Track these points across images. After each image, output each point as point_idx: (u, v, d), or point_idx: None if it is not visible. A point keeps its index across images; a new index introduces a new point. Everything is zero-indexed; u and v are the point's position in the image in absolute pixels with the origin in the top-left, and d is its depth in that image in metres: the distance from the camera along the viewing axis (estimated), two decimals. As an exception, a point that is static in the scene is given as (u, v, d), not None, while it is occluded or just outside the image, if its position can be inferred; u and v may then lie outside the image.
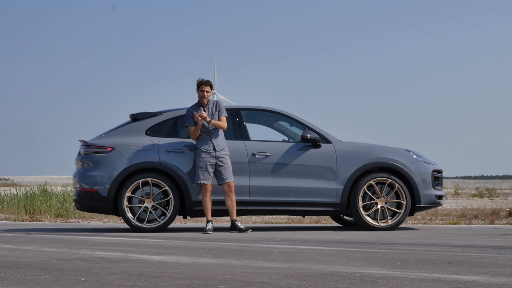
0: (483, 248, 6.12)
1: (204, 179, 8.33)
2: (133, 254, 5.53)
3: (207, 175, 8.35)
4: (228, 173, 8.41)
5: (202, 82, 8.56)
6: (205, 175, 8.34)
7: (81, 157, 8.75)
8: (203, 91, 8.54)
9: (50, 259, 5.20)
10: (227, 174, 8.40)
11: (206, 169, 8.35)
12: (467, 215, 13.88)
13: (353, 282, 3.88)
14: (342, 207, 8.70)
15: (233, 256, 5.36)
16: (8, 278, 4.13)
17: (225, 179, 8.39)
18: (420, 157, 8.99)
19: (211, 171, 8.38)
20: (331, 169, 8.74)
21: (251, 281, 3.93)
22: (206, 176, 8.34)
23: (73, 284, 3.87)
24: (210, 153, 8.39)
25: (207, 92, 8.54)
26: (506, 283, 3.84)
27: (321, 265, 4.70)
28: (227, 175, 8.40)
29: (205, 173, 8.35)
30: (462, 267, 4.55)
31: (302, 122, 8.99)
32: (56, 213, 14.42)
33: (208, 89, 8.57)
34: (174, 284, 3.84)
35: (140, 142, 8.67)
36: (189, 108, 8.59)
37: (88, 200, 8.65)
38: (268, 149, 8.74)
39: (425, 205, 8.86)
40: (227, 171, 8.41)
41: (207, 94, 8.54)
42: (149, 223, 8.53)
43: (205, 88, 8.54)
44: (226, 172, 8.40)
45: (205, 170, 8.35)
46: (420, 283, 3.85)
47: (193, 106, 8.61)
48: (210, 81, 8.63)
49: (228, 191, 8.41)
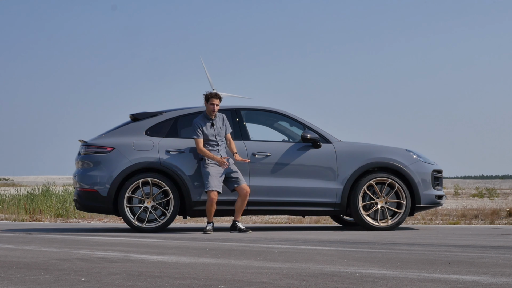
0: (483, 248, 6.12)
1: (213, 186, 8.24)
2: (133, 254, 5.53)
3: (217, 183, 8.28)
4: (241, 176, 8.39)
5: (211, 95, 8.46)
6: (215, 183, 8.25)
7: (81, 157, 8.75)
8: (213, 105, 8.45)
9: (50, 259, 5.20)
10: (241, 176, 8.38)
11: (217, 177, 8.29)
12: (467, 215, 13.88)
13: (353, 282, 3.88)
14: (342, 207, 8.70)
15: (233, 256, 5.37)
16: (8, 278, 4.13)
17: (240, 182, 8.34)
18: (420, 157, 8.99)
19: (221, 179, 8.35)
20: (331, 169, 8.74)
21: (251, 281, 3.94)
22: (216, 184, 8.26)
23: (73, 284, 3.87)
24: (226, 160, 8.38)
25: (216, 106, 8.47)
26: (506, 283, 3.84)
27: (321, 265, 4.70)
28: (241, 178, 8.37)
29: (216, 181, 8.26)
30: (462, 267, 4.56)
31: (302, 122, 8.99)
32: (56, 213, 14.42)
33: (218, 102, 8.49)
34: (174, 284, 3.84)
35: (140, 142, 8.67)
36: (196, 120, 8.51)
37: (88, 200, 8.65)
38: (268, 149, 8.74)
39: (425, 205, 8.86)
40: (240, 174, 8.40)
41: (216, 107, 8.48)
42: (149, 223, 8.53)
43: (215, 102, 8.46)
44: (240, 176, 8.39)
45: (215, 177, 8.26)
46: (420, 283, 3.85)
47: (200, 118, 8.53)
48: (219, 94, 8.57)
49: (244, 195, 8.32)
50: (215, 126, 8.46)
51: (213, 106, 8.45)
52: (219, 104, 8.52)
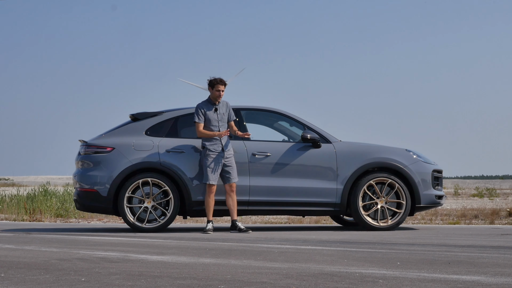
0: (483, 248, 6.12)
1: (212, 180, 8.29)
2: (133, 254, 5.53)
3: (215, 176, 8.32)
4: (234, 173, 8.40)
5: (217, 81, 8.42)
6: (213, 176, 8.31)
7: (81, 157, 8.75)
8: (219, 91, 8.43)
9: (50, 259, 5.20)
10: (233, 174, 8.39)
11: (215, 170, 8.32)
12: (467, 215, 13.88)
13: (353, 282, 3.88)
14: (342, 207, 8.70)
15: (233, 256, 5.37)
16: (8, 278, 4.13)
17: (231, 179, 8.37)
18: (420, 157, 8.99)
19: (219, 171, 8.37)
20: (331, 169, 8.74)
21: (251, 281, 3.94)
22: (214, 177, 8.31)
23: (73, 284, 3.87)
24: (219, 153, 8.38)
25: (222, 91, 8.46)
26: (506, 283, 3.84)
27: (321, 265, 4.70)
28: (233, 175, 8.39)
29: (214, 174, 8.31)
30: (462, 267, 4.56)
31: (302, 122, 8.99)
32: (56, 213, 14.42)
33: (223, 88, 8.46)
34: (174, 284, 3.84)
35: (140, 142, 8.68)
36: (199, 104, 8.51)
37: (88, 200, 8.65)
38: (268, 149, 8.74)
39: (425, 205, 8.86)
40: (234, 171, 8.40)
41: (222, 93, 8.47)
42: (149, 223, 8.53)
43: (221, 88, 8.44)
44: (233, 172, 8.40)
45: (213, 170, 8.31)
46: (420, 283, 3.85)
47: (204, 102, 8.52)
48: (224, 80, 8.53)
49: (230, 191, 8.39)
50: (218, 112, 8.46)
51: (219, 92, 8.44)
52: (224, 90, 8.49)
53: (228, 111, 8.52)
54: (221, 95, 8.46)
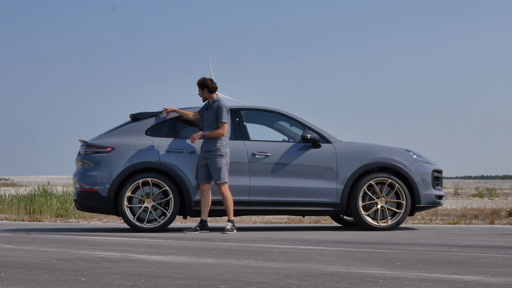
0: (483, 248, 6.12)
1: (227, 179, 8.40)
2: (133, 254, 5.53)
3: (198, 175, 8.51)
4: (215, 175, 8.40)
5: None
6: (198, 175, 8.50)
7: (81, 157, 8.76)
8: (212, 97, 8.69)
9: (50, 259, 5.20)
10: (214, 175, 8.42)
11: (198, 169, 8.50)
12: (467, 215, 13.88)
13: (353, 282, 3.88)
14: (342, 207, 8.70)
15: (233, 256, 5.37)
16: (8, 278, 4.13)
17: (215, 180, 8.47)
18: (420, 157, 8.99)
19: (202, 171, 8.45)
20: (331, 169, 8.74)
21: (251, 281, 3.94)
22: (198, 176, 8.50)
23: (73, 284, 3.87)
24: (202, 152, 8.48)
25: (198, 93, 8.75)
26: (506, 283, 3.84)
27: (321, 265, 4.70)
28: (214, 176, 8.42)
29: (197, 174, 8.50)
30: (462, 267, 4.56)
31: (302, 122, 8.99)
32: (56, 213, 14.42)
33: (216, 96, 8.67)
34: (174, 284, 3.84)
35: (140, 142, 8.68)
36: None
37: (88, 200, 8.66)
38: (268, 149, 8.74)
39: (425, 205, 8.86)
40: (215, 173, 8.40)
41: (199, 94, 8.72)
42: (149, 223, 8.53)
43: (214, 96, 8.68)
44: (214, 174, 8.41)
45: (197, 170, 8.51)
46: (420, 283, 3.85)
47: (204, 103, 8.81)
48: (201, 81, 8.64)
49: (208, 190, 8.47)
50: (207, 111, 8.60)
51: (212, 98, 8.65)
52: (199, 90, 8.71)
53: (219, 112, 8.54)
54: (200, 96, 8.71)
